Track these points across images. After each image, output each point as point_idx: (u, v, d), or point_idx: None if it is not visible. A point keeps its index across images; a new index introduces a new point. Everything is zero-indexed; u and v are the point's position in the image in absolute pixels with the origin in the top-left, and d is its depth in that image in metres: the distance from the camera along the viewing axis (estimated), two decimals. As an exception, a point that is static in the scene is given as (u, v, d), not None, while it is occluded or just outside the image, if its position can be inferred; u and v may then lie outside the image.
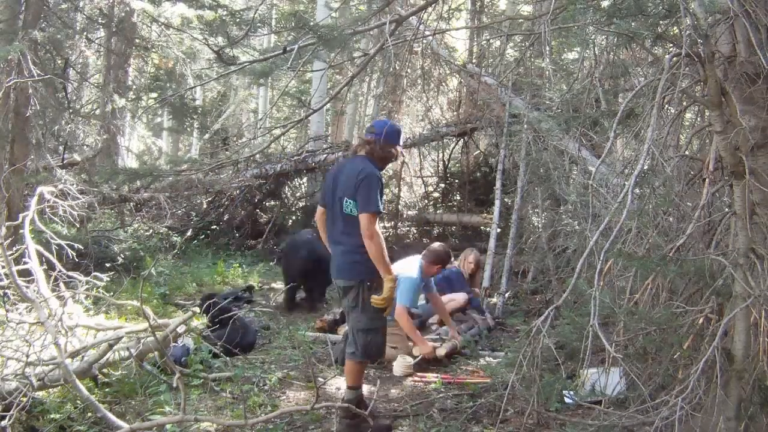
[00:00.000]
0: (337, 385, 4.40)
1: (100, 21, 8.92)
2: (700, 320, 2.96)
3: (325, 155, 10.40)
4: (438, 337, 5.39)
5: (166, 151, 18.06)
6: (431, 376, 4.64)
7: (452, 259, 6.08)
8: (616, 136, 4.85)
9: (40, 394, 3.55)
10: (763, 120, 3.02)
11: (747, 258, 2.78)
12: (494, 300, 6.85)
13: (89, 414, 3.40)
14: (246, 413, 3.39)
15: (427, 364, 4.88)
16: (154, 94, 11.43)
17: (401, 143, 3.90)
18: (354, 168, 3.57)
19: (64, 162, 7.89)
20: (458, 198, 11.04)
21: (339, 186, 3.60)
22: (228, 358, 4.56)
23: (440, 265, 5.37)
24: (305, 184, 11.47)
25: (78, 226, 6.00)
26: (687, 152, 3.80)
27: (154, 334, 3.74)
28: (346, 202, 3.52)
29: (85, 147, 8.95)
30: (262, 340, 5.54)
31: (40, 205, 5.34)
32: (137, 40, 9.62)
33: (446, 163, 11.30)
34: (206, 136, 15.12)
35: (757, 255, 2.77)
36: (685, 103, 3.69)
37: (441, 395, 4.24)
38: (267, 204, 11.10)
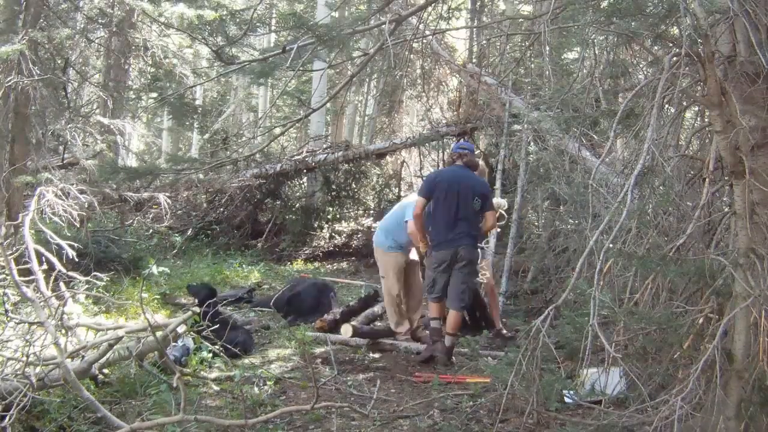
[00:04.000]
0: (337, 386, 4.41)
1: (100, 21, 8.91)
2: (700, 320, 2.96)
3: (324, 155, 10.40)
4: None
5: (165, 150, 18.05)
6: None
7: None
8: (616, 136, 4.85)
9: (40, 394, 3.54)
10: (763, 120, 3.02)
11: (747, 258, 2.78)
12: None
13: (89, 414, 3.39)
14: (246, 413, 3.40)
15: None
16: (154, 94, 11.41)
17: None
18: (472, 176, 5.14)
19: (64, 162, 7.89)
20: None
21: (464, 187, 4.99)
22: (228, 358, 4.57)
23: None
24: (305, 184, 11.47)
25: (78, 225, 5.99)
26: (688, 152, 3.79)
27: (154, 334, 3.74)
28: (476, 200, 5.00)
29: (85, 147, 8.94)
30: (262, 340, 5.55)
31: (39, 205, 5.34)
32: (137, 40, 9.61)
33: (446, 162, 11.30)
34: (206, 135, 15.09)
35: (757, 255, 2.77)
36: (685, 103, 3.69)
37: (441, 395, 4.24)
38: (267, 204, 11.10)
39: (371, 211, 11.57)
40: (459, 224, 4.99)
